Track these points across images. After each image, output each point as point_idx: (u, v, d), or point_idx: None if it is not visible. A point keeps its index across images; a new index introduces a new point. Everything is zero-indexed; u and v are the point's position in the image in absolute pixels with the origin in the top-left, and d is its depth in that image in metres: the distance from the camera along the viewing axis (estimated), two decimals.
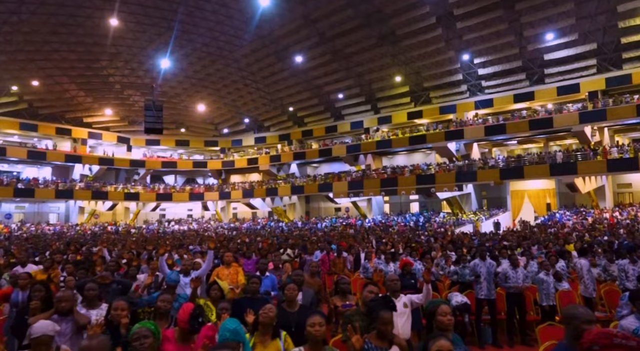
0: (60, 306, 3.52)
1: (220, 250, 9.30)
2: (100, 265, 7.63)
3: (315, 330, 2.66)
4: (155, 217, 41.08)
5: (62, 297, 3.53)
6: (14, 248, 11.87)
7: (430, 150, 33.88)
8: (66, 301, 3.52)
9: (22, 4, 24.84)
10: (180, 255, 8.51)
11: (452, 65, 29.15)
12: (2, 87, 31.24)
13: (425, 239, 15.10)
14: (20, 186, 31.31)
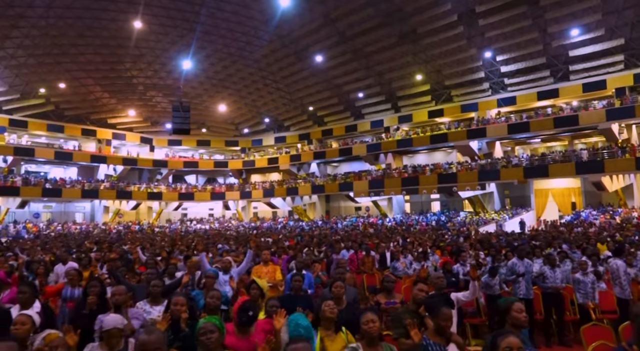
0: (114, 299, 3.69)
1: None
2: (138, 263, 7.83)
3: (369, 327, 2.69)
4: (178, 217, 41.64)
5: (116, 291, 3.70)
6: (53, 247, 12.20)
7: (451, 149, 33.58)
8: (119, 294, 3.69)
9: (49, 9, 25.46)
10: (214, 253, 8.64)
11: (474, 63, 28.84)
12: (30, 90, 32.04)
13: (450, 238, 15.00)
14: (48, 186, 32.08)
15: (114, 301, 3.70)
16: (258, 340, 2.99)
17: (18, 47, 27.90)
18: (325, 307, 3.20)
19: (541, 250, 8.10)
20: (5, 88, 30.92)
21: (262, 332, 3.12)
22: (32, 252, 11.06)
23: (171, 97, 36.60)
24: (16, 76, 30.41)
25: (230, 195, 40.07)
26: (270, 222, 36.92)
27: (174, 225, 36.12)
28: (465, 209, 32.14)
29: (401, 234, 18.60)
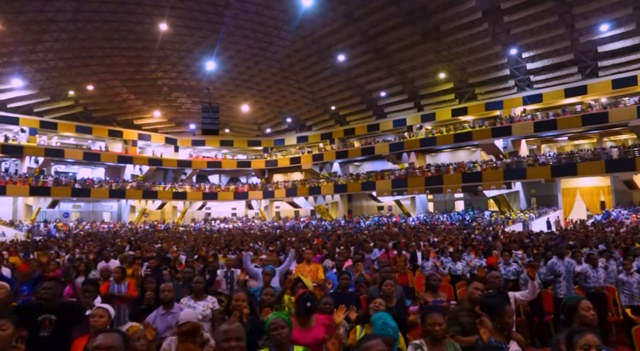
0: (163, 295, 3.84)
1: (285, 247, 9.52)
2: (177, 262, 8.01)
3: (435, 329, 2.72)
4: (201, 216, 42.18)
5: (165, 287, 3.85)
6: (90, 246, 12.55)
7: (475, 148, 33.23)
8: (168, 291, 3.84)
9: (78, 13, 26.10)
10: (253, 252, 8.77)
11: (499, 61, 28.47)
12: (60, 92, 32.88)
13: (480, 238, 14.86)
14: (77, 186, 32.89)
15: (163, 298, 3.83)
16: (319, 334, 3.07)
17: (48, 51, 28.67)
18: (372, 305, 3.26)
19: (576, 249, 7.99)
20: (37, 91, 31.80)
21: (323, 326, 3.20)
22: (69, 250, 11.38)
23: (195, 98, 37.14)
24: (46, 79, 31.25)
25: (253, 194, 40.42)
26: (292, 221, 37.11)
27: (198, 225, 36.61)
28: (490, 208, 31.74)
29: (427, 234, 18.52)
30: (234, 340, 2.30)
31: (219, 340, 2.38)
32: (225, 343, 2.30)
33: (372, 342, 2.20)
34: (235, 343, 2.30)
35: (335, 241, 13.49)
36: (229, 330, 2.35)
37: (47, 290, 3.50)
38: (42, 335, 3.32)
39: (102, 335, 2.14)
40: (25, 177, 30.87)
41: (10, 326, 2.57)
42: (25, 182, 30.47)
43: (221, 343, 2.33)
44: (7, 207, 32.26)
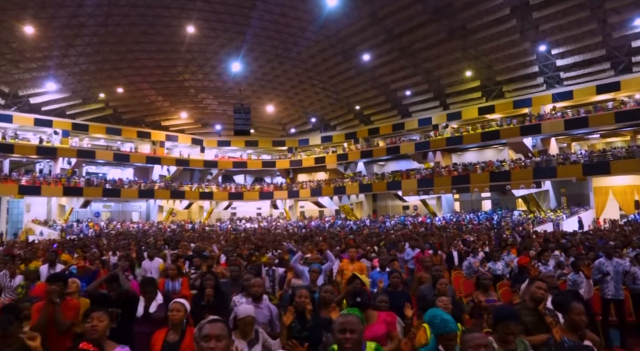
0: (253, 291, 4.00)
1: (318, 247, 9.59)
2: (217, 260, 8.17)
3: (509, 339, 2.73)
4: (227, 216, 42.69)
5: (255, 282, 3.98)
6: (132, 244, 12.90)
7: (503, 146, 32.74)
8: (258, 286, 3.98)
9: (108, 17, 26.76)
10: (283, 250, 8.88)
11: (528, 57, 27.98)
12: (91, 95, 33.76)
13: (511, 238, 14.67)
14: (108, 186, 33.72)
15: (254, 293, 3.95)
16: (380, 330, 3.12)
17: (80, 54, 29.47)
18: (439, 303, 3.30)
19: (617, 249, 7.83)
20: (69, 94, 32.72)
21: (384, 323, 3.25)
22: (107, 249, 11.69)
23: (220, 99, 37.64)
24: (78, 82, 32.11)
25: (278, 194, 40.71)
26: (317, 221, 37.22)
27: (224, 224, 37.05)
28: (519, 208, 31.24)
29: (453, 233, 18.36)
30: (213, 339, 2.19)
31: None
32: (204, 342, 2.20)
33: (475, 335, 2.26)
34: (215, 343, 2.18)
35: (366, 240, 13.52)
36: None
37: (115, 286, 3.66)
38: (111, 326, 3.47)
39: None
40: (59, 178, 31.81)
41: (106, 318, 2.72)
42: (59, 182, 31.39)
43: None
44: (41, 206, 33.29)
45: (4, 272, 5.95)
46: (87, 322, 2.65)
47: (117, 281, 3.78)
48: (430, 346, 2.85)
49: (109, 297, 3.67)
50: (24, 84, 31.01)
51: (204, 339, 2.14)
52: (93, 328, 2.63)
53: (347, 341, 2.33)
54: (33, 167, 37.10)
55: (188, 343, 3.09)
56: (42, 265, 6.82)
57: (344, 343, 2.34)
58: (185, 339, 3.14)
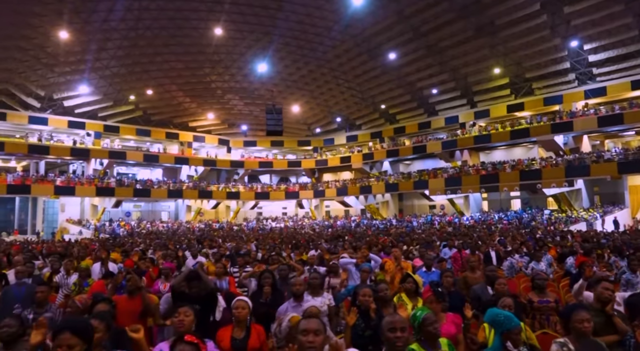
0: (295, 289, 4.15)
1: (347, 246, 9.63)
2: (255, 258, 8.30)
3: (584, 326, 2.74)
4: (253, 215, 43.11)
5: (296, 282, 4.19)
6: (170, 243, 13.21)
7: (532, 144, 32.15)
8: (300, 285, 4.20)
9: (139, 21, 27.35)
10: (322, 250, 8.96)
11: (558, 53, 27.39)
12: (121, 97, 34.57)
13: (549, 238, 14.40)
14: (138, 187, 34.48)
15: (295, 291, 4.04)
16: (450, 330, 3.16)
17: (111, 58, 30.20)
18: (504, 304, 3.31)
19: None
20: (101, 97, 33.58)
21: (453, 324, 3.29)
22: (147, 247, 11.97)
23: (247, 100, 38.03)
24: (110, 85, 32.92)
25: (304, 194, 40.90)
26: (343, 221, 37.25)
27: (251, 224, 37.43)
28: (549, 207, 30.62)
29: (482, 233, 18.12)
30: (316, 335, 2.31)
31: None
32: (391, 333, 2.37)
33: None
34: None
35: (397, 239, 13.49)
36: (394, 321, 2.43)
37: (196, 283, 3.80)
38: None
39: (305, 320, 2.31)
40: (92, 179, 32.67)
41: (191, 313, 2.84)
42: (92, 183, 32.25)
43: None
44: (75, 206, 34.27)
45: (61, 275, 6.19)
46: (174, 317, 2.77)
47: (198, 279, 3.91)
48: (495, 345, 2.87)
49: (189, 294, 3.80)
50: (59, 87, 31.97)
51: (302, 333, 2.23)
52: (180, 322, 2.76)
53: (398, 340, 2.37)
54: (67, 167, 38.26)
55: (254, 339, 3.20)
56: (94, 263, 7.05)
57: (394, 341, 2.38)
58: (251, 335, 3.25)
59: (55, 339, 2.12)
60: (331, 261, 6.44)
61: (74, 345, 2.11)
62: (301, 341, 2.21)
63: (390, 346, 2.41)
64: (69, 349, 2.10)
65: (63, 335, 2.12)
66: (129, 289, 3.98)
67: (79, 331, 2.17)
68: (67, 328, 2.14)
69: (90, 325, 2.31)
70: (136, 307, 3.84)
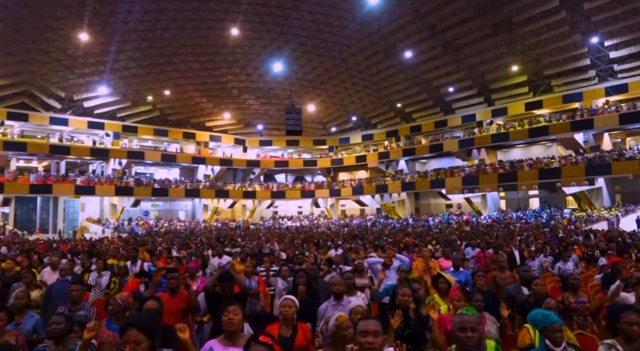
0: (334, 289, 4.16)
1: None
2: (278, 257, 8.36)
3: (633, 329, 2.73)
4: (269, 214, 43.30)
5: (336, 281, 4.21)
6: (192, 243, 13.36)
7: (551, 142, 31.72)
8: (339, 284, 4.20)
9: (156, 22, 27.67)
10: (346, 249, 8.99)
11: (578, 50, 27.00)
12: (139, 98, 35.02)
13: (573, 237, 14.20)
14: (157, 186, 34.89)
15: (335, 291, 4.09)
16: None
17: (130, 59, 30.60)
18: (548, 305, 3.31)
19: None
20: (119, 98, 34.06)
21: (486, 324, 3.31)
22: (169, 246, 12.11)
23: (262, 99, 38.22)
24: (128, 86, 33.39)
25: (319, 192, 40.97)
26: (359, 220, 37.22)
27: (267, 223, 37.60)
28: (569, 206, 30.20)
29: (502, 232, 17.95)
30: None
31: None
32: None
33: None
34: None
35: (415, 238, 13.44)
36: (463, 321, 2.45)
37: (229, 283, 3.87)
38: None
39: (364, 321, 2.36)
40: (111, 178, 33.15)
41: (240, 311, 2.90)
42: (111, 182, 32.73)
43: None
44: (95, 206, 34.81)
45: (94, 274, 6.32)
46: (224, 315, 2.84)
47: (230, 279, 4.00)
48: (539, 346, 2.87)
49: (222, 294, 3.88)
50: (79, 89, 32.51)
51: (361, 334, 2.27)
52: (229, 321, 2.82)
53: (469, 340, 2.38)
54: (86, 167, 38.89)
55: (301, 337, 3.25)
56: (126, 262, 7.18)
57: (465, 341, 2.38)
58: (297, 333, 3.30)
59: (123, 335, 2.21)
60: (356, 261, 6.48)
61: (140, 341, 2.20)
62: (360, 342, 2.25)
63: (461, 346, 2.42)
64: (136, 345, 2.17)
65: (130, 331, 2.21)
66: (170, 287, 4.07)
67: (145, 327, 2.25)
68: (134, 325, 2.22)
69: (155, 321, 2.38)
70: (178, 305, 3.93)
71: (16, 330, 3.61)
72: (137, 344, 2.18)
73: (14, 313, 3.82)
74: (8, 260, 6.71)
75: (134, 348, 2.17)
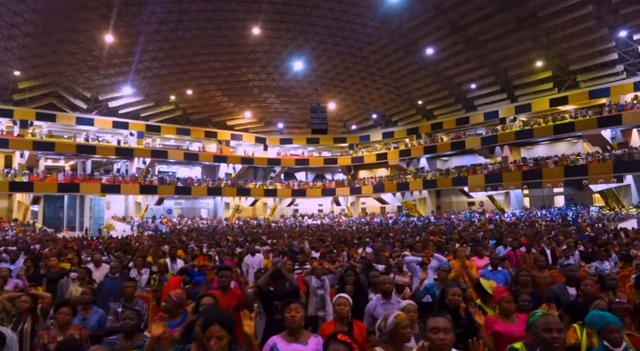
0: (384, 287, 4.22)
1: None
2: (309, 255, 8.44)
3: None
4: (290, 212, 43.49)
5: (385, 280, 4.24)
6: (222, 240, 13.57)
7: (577, 139, 31.15)
8: (389, 283, 4.24)
9: (179, 23, 28.05)
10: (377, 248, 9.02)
11: (605, 44, 26.39)
12: (162, 97, 35.55)
13: (605, 236, 13.95)
14: (180, 185, 35.41)
15: (385, 289, 4.14)
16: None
17: (153, 59, 31.08)
18: (598, 306, 3.29)
19: None
20: (143, 98, 34.63)
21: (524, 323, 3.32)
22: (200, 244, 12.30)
23: (283, 98, 38.40)
24: (151, 86, 33.92)
25: (340, 191, 41.01)
26: (380, 218, 37.13)
27: (288, 221, 37.79)
28: (595, 203, 29.61)
29: (524, 231, 17.74)
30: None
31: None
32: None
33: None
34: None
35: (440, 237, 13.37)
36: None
37: (280, 282, 3.96)
38: (276, 318, 3.78)
39: (434, 319, 2.41)
40: (135, 177, 33.75)
41: (301, 309, 2.98)
42: (136, 181, 33.33)
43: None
44: (119, 204, 35.48)
45: (135, 272, 6.48)
46: (286, 312, 2.92)
47: (282, 278, 4.08)
48: (599, 348, 2.86)
49: (274, 292, 3.97)
50: (104, 89, 33.16)
51: (432, 331, 2.32)
52: (292, 318, 2.91)
53: (556, 341, 2.38)
54: (111, 166, 39.65)
55: (357, 335, 3.31)
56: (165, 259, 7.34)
57: (552, 342, 2.39)
58: (354, 331, 3.36)
59: (206, 331, 2.31)
60: (395, 259, 6.50)
61: (223, 336, 2.32)
62: (432, 338, 2.30)
63: (547, 347, 2.42)
64: (219, 339, 2.28)
65: (213, 326, 2.32)
66: (222, 285, 4.17)
67: (226, 323, 2.36)
68: (217, 321, 2.33)
69: (232, 318, 2.48)
70: (230, 302, 4.02)
71: (81, 325, 3.75)
72: (219, 339, 2.29)
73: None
74: (51, 257, 6.92)
75: (217, 342, 2.28)
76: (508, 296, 3.69)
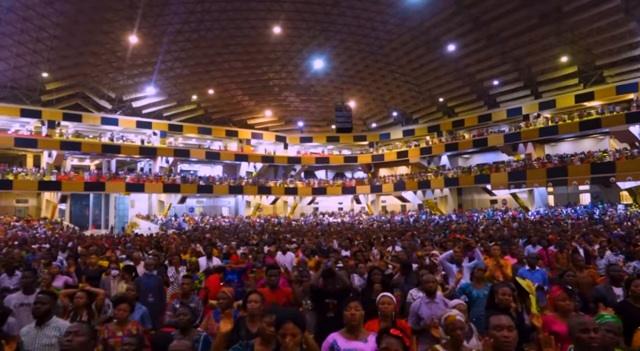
0: (428, 286, 4.24)
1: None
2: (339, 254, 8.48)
3: None
4: (310, 210, 43.62)
5: (429, 279, 4.27)
6: (253, 237, 13.75)
7: (603, 136, 30.50)
8: (432, 282, 4.25)
9: (201, 23, 28.34)
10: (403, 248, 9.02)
11: (634, 38, 25.77)
12: (184, 97, 36.01)
13: (625, 234, 13.70)
14: (202, 183, 35.86)
15: (428, 288, 4.17)
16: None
17: (175, 59, 31.49)
18: None
19: None
20: (165, 97, 35.13)
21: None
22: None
23: (303, 96, 38.50)
24: (173, 86, 34.39)
25: (360, 189, 40.98)
26: (401, 216, 36.98)
27: (309, 219, 37.91)
28: (623, 201, 28.98)
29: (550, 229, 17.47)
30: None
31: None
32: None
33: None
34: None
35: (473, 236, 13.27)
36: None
37: (331, 280, 4.03)
38: (329, 315, 3.85)
39: (497, 317, 2.47)
40: (159, 176, 34.29)
41: (361, 308, 3.05)
42: (159, 180, 33.86)
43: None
44: (143, 202, 36.10)
45: (172, 270, 6.62)
46: (346, 311, 2.99)
47: (332, 276, 4.16)
48: None
49: (326, 290, 4.04)
50: (127, 89, 33.75)
51: (495, 329, 2.36)
52: (352, 316, 2.97)
53: (593, 341, 2.39)
54: (135, 165, 40.34)
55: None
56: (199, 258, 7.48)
57: (589, 342, 2.40)
58: None
59: (280, 328, 2.39)
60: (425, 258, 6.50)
61: (296, 333, 2.40)
62: (496, 336, 2.34)
63: (584, 347, 2.43)
64: (293, 337, 2.36)
65: (287, 324, 2.41)
66: (271, 283, 4.25)
67: (299, 321, 2.45)
68: (290, 319, 2.41)
69: (304, 316, 2.56)
70: (278, 300, 4.11)
71: (136, 321, 3.88)
72: (293, 336, 2.37)
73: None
74: (91, 254, 7.11)
75: (292, 339, 2.36)
76: (563, 293, 3.64)
